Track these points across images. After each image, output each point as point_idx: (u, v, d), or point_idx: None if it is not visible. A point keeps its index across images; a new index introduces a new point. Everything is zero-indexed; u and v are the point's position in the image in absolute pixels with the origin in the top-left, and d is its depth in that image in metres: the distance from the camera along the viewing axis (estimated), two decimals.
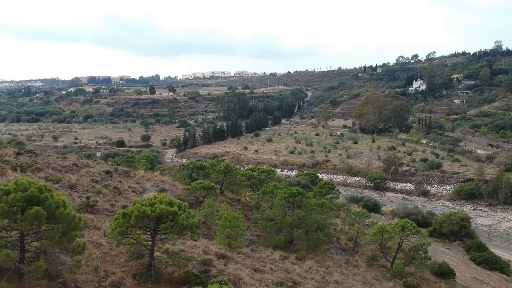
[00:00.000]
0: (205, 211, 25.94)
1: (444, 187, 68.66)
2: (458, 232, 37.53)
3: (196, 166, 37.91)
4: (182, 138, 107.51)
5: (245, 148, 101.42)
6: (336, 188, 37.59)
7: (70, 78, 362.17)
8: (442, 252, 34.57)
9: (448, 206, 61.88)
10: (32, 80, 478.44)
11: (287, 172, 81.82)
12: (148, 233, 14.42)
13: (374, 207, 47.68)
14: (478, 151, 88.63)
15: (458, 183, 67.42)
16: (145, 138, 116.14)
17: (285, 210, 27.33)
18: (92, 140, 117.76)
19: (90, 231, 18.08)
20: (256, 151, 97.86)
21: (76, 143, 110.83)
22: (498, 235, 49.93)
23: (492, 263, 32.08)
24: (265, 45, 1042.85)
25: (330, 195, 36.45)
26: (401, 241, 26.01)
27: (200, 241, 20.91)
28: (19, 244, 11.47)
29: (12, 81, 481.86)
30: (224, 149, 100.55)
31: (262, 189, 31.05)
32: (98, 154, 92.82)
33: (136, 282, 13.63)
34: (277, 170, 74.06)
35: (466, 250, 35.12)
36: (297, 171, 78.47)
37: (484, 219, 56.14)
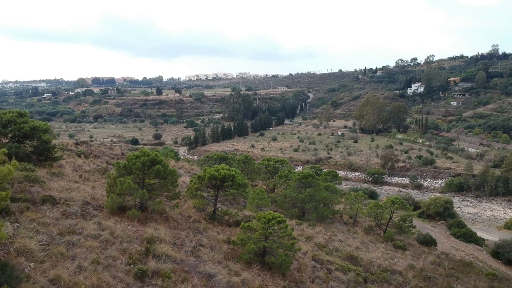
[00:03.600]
0: (231, 197, 32.51)
1: (436, 181, 75.34)
2: (442, 213, 44.15)
3: (219, 157, 44.47)
4: (192, 137, 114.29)
5: (252, 146, 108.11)
6: (338, 176, 44.15)
7: (74, 79, 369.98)
8: (428, 229, 41.11)
9: None
10: (36, 80, 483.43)
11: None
12: (212, 191, 21.02)
13: (372, 195, 54.17)
14: (470, 149, 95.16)
15: (449, 177, 74.03)
16: (157, 136, 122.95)
17: (299, 189, 33.82)
18: (106, 138, 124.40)
19: None
20: (262, 148, 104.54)
21: (92, 141, 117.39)
22: (481, 221, 56.47)
23: (469, 237, 38.64)
24: (263, 46, 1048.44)
25: (334, 181, 42.90)
26: (392, 213, 32.57)
27: (235, 209, 27.45)
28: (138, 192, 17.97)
29: (16, 82, 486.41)
30: (233, 147, 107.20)
31: (279, 174, 37.60)
32: None
33: (207, 222, 20.22)
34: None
35: (448, 228, 41.70)
36: (301, 167, 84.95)
37: (470, 208, 62.70)
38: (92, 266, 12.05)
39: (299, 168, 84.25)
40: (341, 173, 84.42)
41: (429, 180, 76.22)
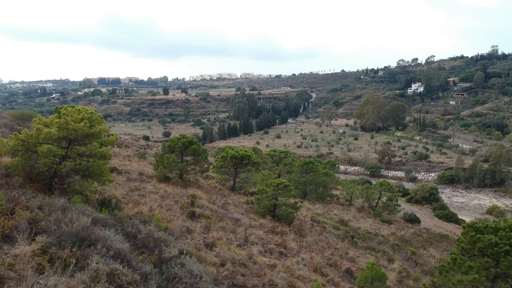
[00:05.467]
0: (245, 175, 38.15)
1: (430, 174, 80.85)
2: (428, 197, 49.73)
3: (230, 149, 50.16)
4: (200, 134, 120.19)
5: (257, 143, 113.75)
6: (336, 165, 49.75)
7: (79, 79, 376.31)
8: (414, 211, 46.67)
9: None
10: (42, 81, 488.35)
11: None
12: (233, 168, 26.70)
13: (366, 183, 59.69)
14: (464, 146, 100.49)
15: (441, 171, 79.48)
16: (167, 134, 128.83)
17: (301, 174, 39.46)
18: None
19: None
20: (267, 145, 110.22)
21: None
22: (467, 209, 61.93)
23: (450, 217, 44.17)
24: (264, 47, 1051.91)
25: (331, 169, 48.50)
26: (380, 194, 38.16)
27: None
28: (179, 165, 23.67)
29: (23, 82, 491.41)
30: (239, 144, 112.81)
31: (283, 162, 43.27)
32: None
33: (229, 191, 25.91)
34: None
35: (432, 210, 47.26)
36: None
37: (459, 198, 68.14)
38: (158, 208, 17.80)
39: None
40: (341, 167, 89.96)
41: (423, 173, 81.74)
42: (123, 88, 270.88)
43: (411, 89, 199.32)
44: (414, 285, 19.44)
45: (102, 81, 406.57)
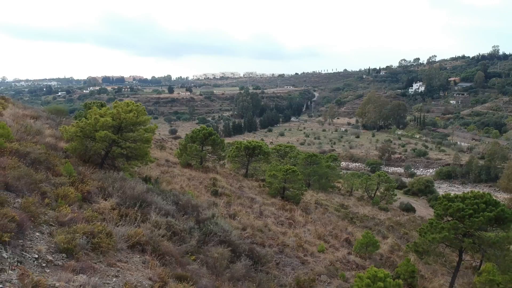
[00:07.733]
0: (256, 164, 41.52)
1: (428, 170, 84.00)
2: (424, 190, 52.94)
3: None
4: None
5: (262, 140, 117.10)
6: (338, 159, 53.05)
7: (83, 78, 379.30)
8: (411, 202, 49.93)
9: None
10: (47, 79, 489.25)
11: None
12: (245, 158, 30.06)
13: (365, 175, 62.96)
14: (462, 143, 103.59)
15: (439, 167, 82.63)
16: (173, 131, 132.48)
17: (305, 166, 42.74)
18: None
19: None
20: (271, 142, 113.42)
21: None
22: None
23: None
24: (266, 46, 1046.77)
25: (333, 163, 51.76)
26: (378, 184, 41.44)
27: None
28: (200, 153, 27.01)
29: (27, 80, 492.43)
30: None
31: (289, 155, 46.59)
32: None
33: (242, 177, 29.27)
34: None
35: (428, 201, 50.46)
36: None
37: (456, 193, 71.17)
38: (187, 187, 21.19)
39: None
40: (343, 163, 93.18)
41: (421, 169, 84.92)
42: (128, 86, 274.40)
43: (412, 88, 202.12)
44: (404, 255, 22.78)
45: (106, 79, 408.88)
